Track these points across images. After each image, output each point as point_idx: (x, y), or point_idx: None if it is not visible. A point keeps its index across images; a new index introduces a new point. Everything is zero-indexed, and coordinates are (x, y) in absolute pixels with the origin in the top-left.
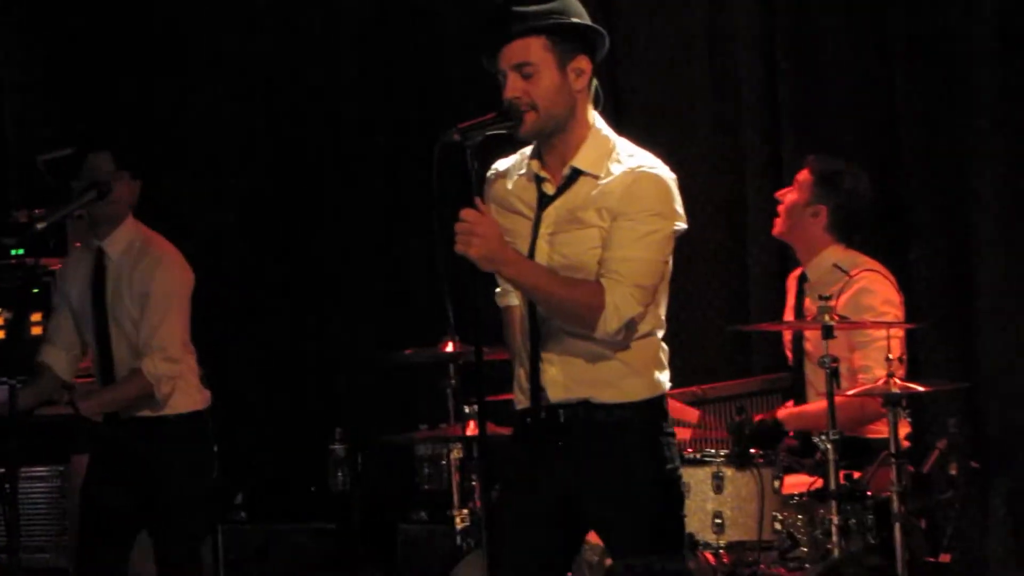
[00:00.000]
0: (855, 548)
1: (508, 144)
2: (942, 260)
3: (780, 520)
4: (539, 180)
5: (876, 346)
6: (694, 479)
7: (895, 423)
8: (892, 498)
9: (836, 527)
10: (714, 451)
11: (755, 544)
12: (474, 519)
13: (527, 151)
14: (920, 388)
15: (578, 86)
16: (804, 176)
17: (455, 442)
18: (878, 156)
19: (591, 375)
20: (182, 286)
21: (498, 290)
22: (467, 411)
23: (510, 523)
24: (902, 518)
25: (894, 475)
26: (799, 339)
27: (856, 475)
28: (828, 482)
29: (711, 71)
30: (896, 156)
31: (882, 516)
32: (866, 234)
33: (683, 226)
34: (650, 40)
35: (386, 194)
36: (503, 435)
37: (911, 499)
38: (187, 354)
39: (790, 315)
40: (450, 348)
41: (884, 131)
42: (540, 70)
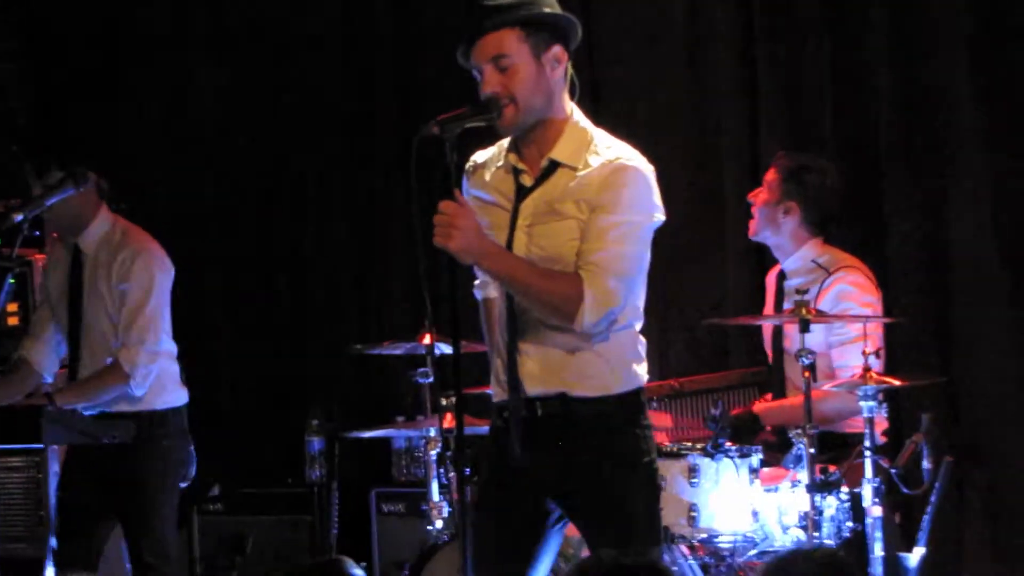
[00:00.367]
0: (830, 542)
1: (487, 136)
2: (919, 255)
3: (755, 513)
4: (517, 172)
5: (854, 341)
6: (670, 471)
7: (871, 417)
8: (867, 492)
9: (811, 521)
10: (690, 444)
11: (730, 537)
12: (450, 512)
13: (504, 143)
14: (896, 382)
15: (555, 76)
16: (771, 175)
17: (431, 435)
18: (856, 150)
19: (569, 368)
20: (160, 278)
21: (476, 282)
22: (444, 404)
23: (488, 516)
24: (877, 512)
25: (870, 469)
26: (778, 335)
27: (832, 468)
28: (804, 475)
29: (689, 63)
30: (874, 150)
31: (857, 510)
32: (842, 227)
33: (662, 218)
34: (627, 32)
35: (364, 187)
36: (480, 427)
37: (886, 493)
38: (166, 348)
39: (769, 312)
40: (427, 340)
41: (862, 125)
42: (516, 62)
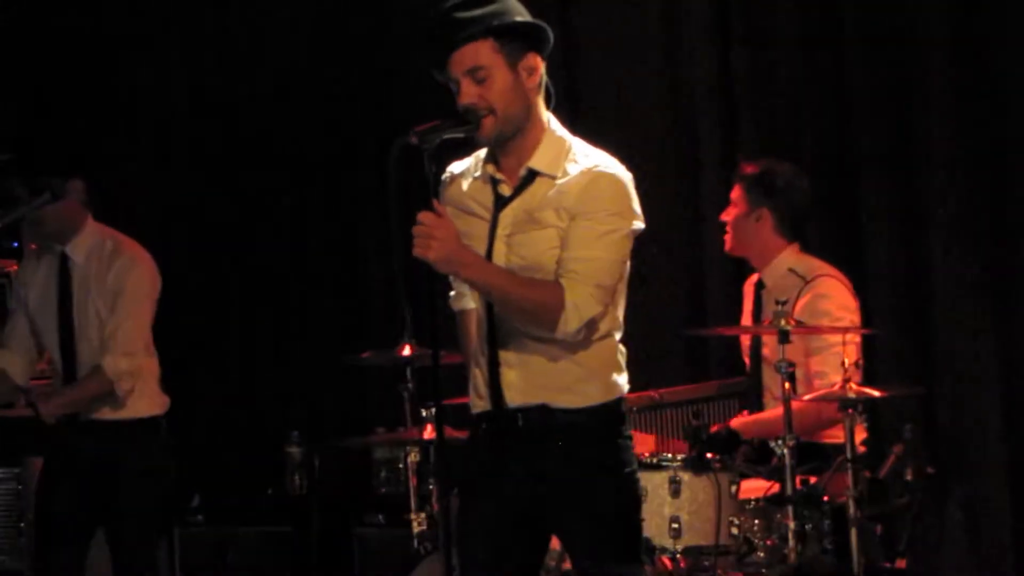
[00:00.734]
0: (811, 553)
1: (465, 147)
2: (898, 265)
3: (737, 525)
4: (495, 182)
5: (832, 351)
6: (651, 483)
7: (851, 428)
8: (848, 503)
9: (792, 532)
10: (671, 456)
11: (712, 549)
12: (431, 523)
13: (481, 153)
14: (876, 393)
15: (530, 84)
16: (737, 189)
17: (412, 445)
18: (834, 158)
19: (549, 378)
20: (152, 289)
21: (452, 294)
22: (424, 414)
23: (470, 528)
24: (858, 523)
25: (850, 480)
26: (757, 345)
27: (813, 480)
28: (785, 487)
29: (666, 72)
30: (853, 160)
31: (838, 521)
32: (816, 230)
33: (641, 226)
34: (605, 40)
35: (343, 196)
36: (460, 439)
37: (867, 504)
38: (148, 357)
39: (747, 321)
40: (407, 351)
41: (841, 134)
42: (492, 72)
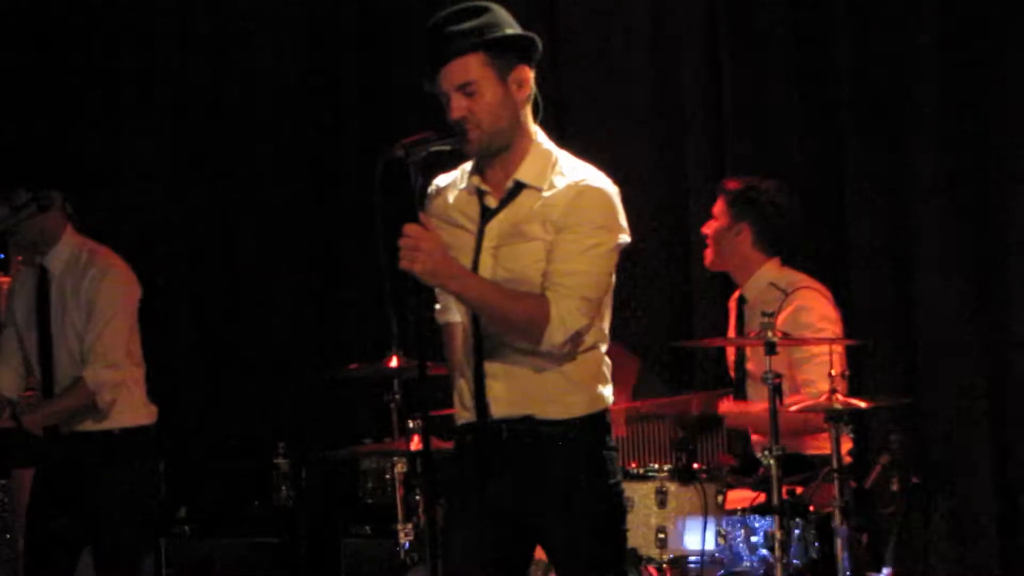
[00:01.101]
0: (797, 563)
1: (454, 159)
2: (884, 277)
3: (723, 535)
4: (481, 193)
5: (817, 361)
6: (637, 494)
7: (837, 439)
8: (834, 513)
9: (779, 542)
10: (657, 466)
11: (698, 559)
12: (418, 534)
13: (467, 165)
14: (862, 404)
15: (520, 96)
16: (719, 204)
17: (399, 457)
18: (821, 170)
19: (535, 391)
20: (127, 297)
21: (437, 307)
22: (411, 426)
23: (455, 538)
24: (844, 533)
25: (836, 490)
26: (741, 360)
27: (799, 490)
28: (771, 497)
29: (655, 84)
30: (839, 173)
31: (824, 531)
32: (798, 246)
33: (627, 239)
34: (593, 51)
35: (329, 208)
36: (447, 450)
37: (853, 514)
38: (133, 366)
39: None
40: (394, 363)
41: (828, 145)
42: (482, 87)
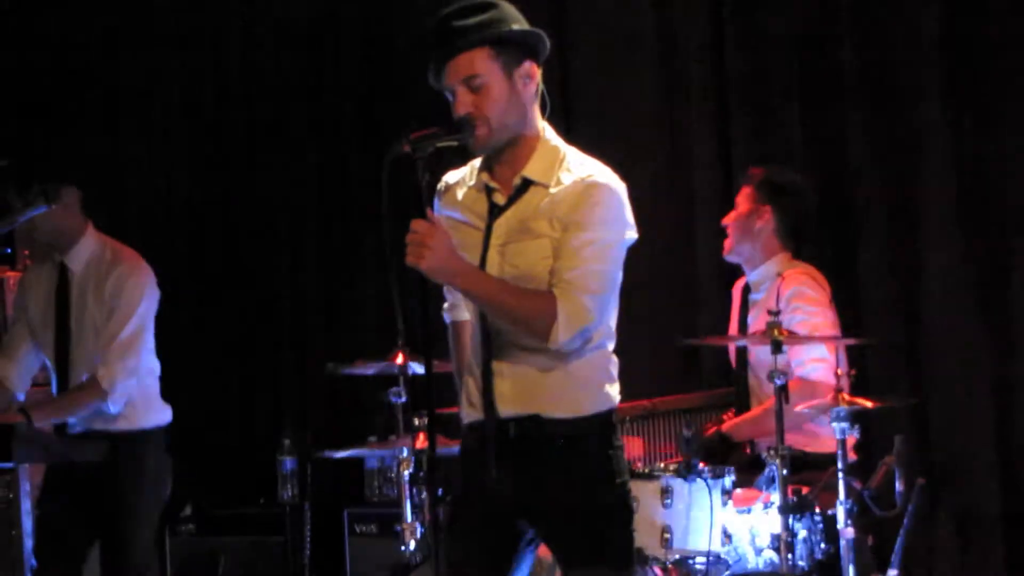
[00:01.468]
0: (803, 563)
1: (459, 155)
2: (891, 276)
3: (728, 536)
4: (489, 191)
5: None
6: (643, 493)
7: (843, 439)
8: (839, 513)
9: (784, 542)
10: (663, 465)
11: (703, 558)
12: (423, 532)
13: (476, 163)
14: (868, 404)
15: (527, 92)
16: (746, 188)
17: (404, 455)
18: (828, 169)
19: (542, 389)
20: (150, 300)
21: (446, 305)
22: (417, 424)
23: (460, 537)
24: (850, 534)
25: (842, 490)
26: (743, 349)
27: (804, 490)
28: (777, 497)
29: (661, 81)
30: (846, 170)
31: (830, 531)
32: (813, 246)
33: (634, 236)
34: (598, 47)
35: (336, 204)
36: (453, 448)
37: (859, 515)
38: (150, 368)
39: (734, 325)
40: (400, 361)
41: (833, 143)
42: (488, 81)
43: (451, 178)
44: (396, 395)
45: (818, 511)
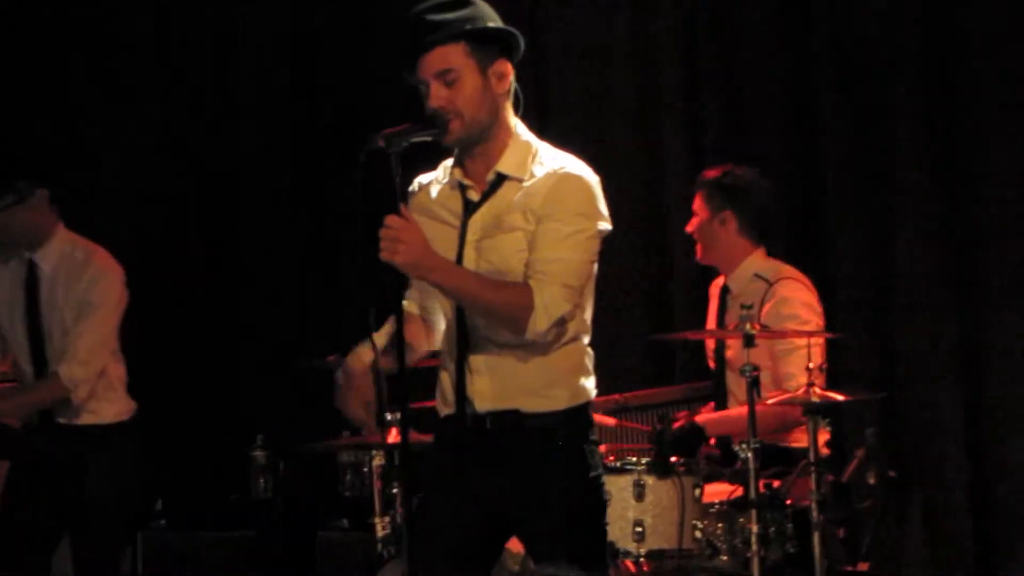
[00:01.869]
0: (774, 556)
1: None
2: (861, 271)
3: (700, 528)
4: (463, 188)
5: (799, 353)
6: (615, 487)
7: (814, 432)
8: (811, 507)
9: (756, 536)
10: (635, 459)
11: (675, 552)
12: (395, 527)
13: (448, 161)
14: (839, 397)
15: (500, 89)
16: (698, 198)
17: (377, 449)
18: (800, 166)
19: (518, 383)
20: (120, 301)
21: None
22: (389, 418)
23: (432, 530)
24: (821, 527)
25: (813, 484)
26: (721, 348)
27: (776, 484)
28: (748, 491)
29: (634, 79)
30: (818, 166)
31: (801, 525)
32: (778, 235)
33: (608, 227)
34: (572, 46)
35: (309, 199)
36: (425, 442)
37: (830, 508)
38: (115, 363)
39: (712, 324)
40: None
41: (807, 142)
42: (462, 76)
43: (424, 178)
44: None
45: (789, 504)
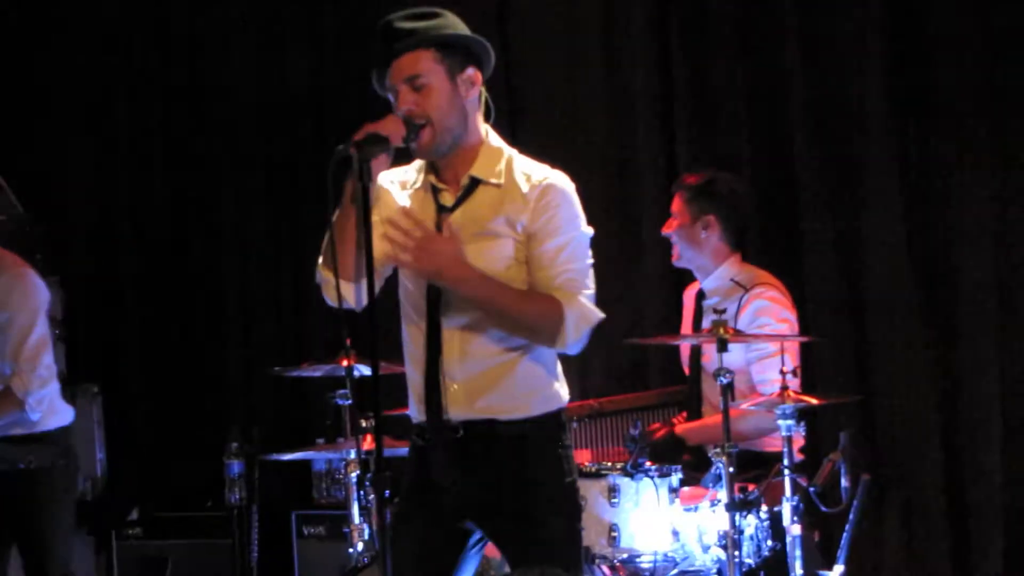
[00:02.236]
0: (750, 561)
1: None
2: (835, 274)
3: (675, 533)
4: (435, 190)
5: (774, 358)
6: (590, 491)
7: (789, 436)
8: (786, 510)
9: (731, 540)
10: (610, 464)
11: (650, 556)
12: (371, 534)
13: (417, 164)
14: (814, 401)
15: (469, 96)
16: (678, 200)
17: (352, 457)
18: (772, 170)
19: (493, 391)
20: (43, 303)
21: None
22: (364, 425)
23: (408, 536)
24: (796, 530)
25: (788, 487)
26: (696, 354)
27: (751, 487)
28: (723, 495)
29: (607, 86)
30: (790, 170)
31: (776, 528)
32: (755, 238)
33: (591, 231)
34: (546, 56)
35: (283, 206)
36: (400, 449)
37: (805, 511)
38: (55, 371)
39: (687, 330)
40: (346, 363)
41: (778, 146)
42: (431, 82)
43: (393, 177)
44: (343, 397)
45: (765, 508)
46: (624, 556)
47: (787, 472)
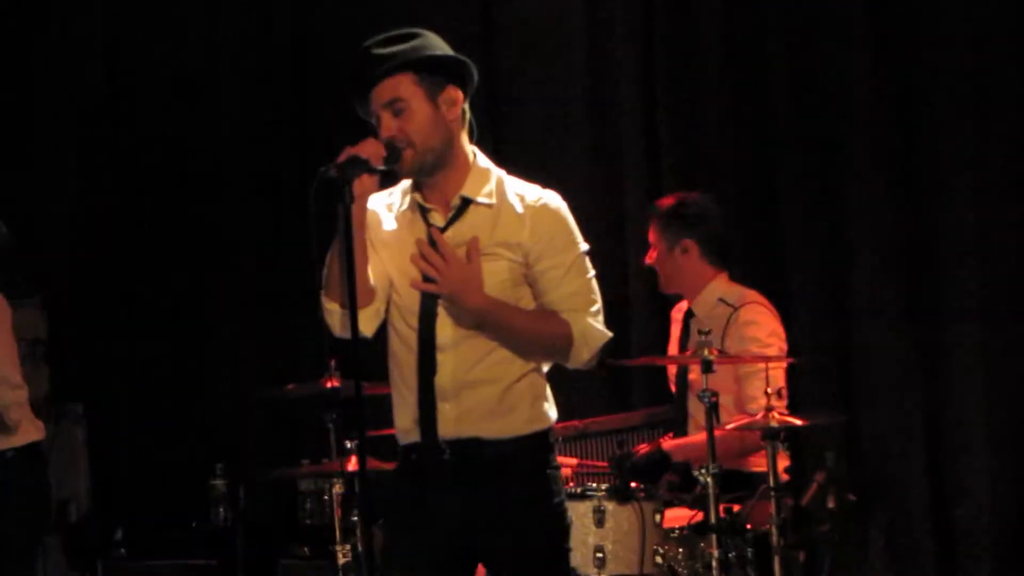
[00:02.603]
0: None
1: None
2: (821, 294)
3: (661, 554)
4: (424, 210)
5: (760, 377)
6: (576, 513)
7: (774, 456)
8: (771, 531)
9: (716, 560)
10: (595, 485)
11: None
12: (356, 554)
13: (405, 184)
14: (799, 422)
15: (451, 116)
16: (653, 230)
17: (337, 477)
18: (757, 188)
19: (481, 412)
20: (4, 318)
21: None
22: (349, 446)
23: (399, 560)
24: (781, 551)
25: (773, 508)
26: (683, 373)
27: (736, 508)
28: (708, 516)
29: (591, 103)
30: (775, 189)
31: (762, 549)
32: (739, 257)
33: (587, 247)
34: (530, 74)
35: (268, 227)
36: (385, 470)
37: (790, 532)
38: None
39: (674, 348)
40: (331, 383)
41: (763, 163)
42: (412, 105)
43: (379, 199)
44: (328, 418)
45: (750, 529)
46: None
47: (773, 493)
